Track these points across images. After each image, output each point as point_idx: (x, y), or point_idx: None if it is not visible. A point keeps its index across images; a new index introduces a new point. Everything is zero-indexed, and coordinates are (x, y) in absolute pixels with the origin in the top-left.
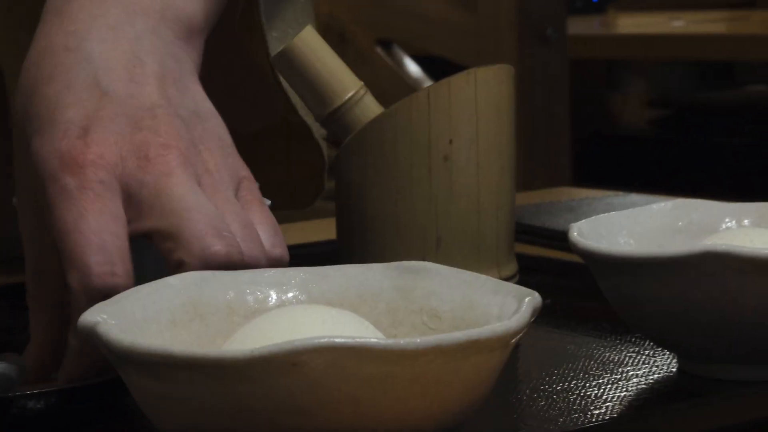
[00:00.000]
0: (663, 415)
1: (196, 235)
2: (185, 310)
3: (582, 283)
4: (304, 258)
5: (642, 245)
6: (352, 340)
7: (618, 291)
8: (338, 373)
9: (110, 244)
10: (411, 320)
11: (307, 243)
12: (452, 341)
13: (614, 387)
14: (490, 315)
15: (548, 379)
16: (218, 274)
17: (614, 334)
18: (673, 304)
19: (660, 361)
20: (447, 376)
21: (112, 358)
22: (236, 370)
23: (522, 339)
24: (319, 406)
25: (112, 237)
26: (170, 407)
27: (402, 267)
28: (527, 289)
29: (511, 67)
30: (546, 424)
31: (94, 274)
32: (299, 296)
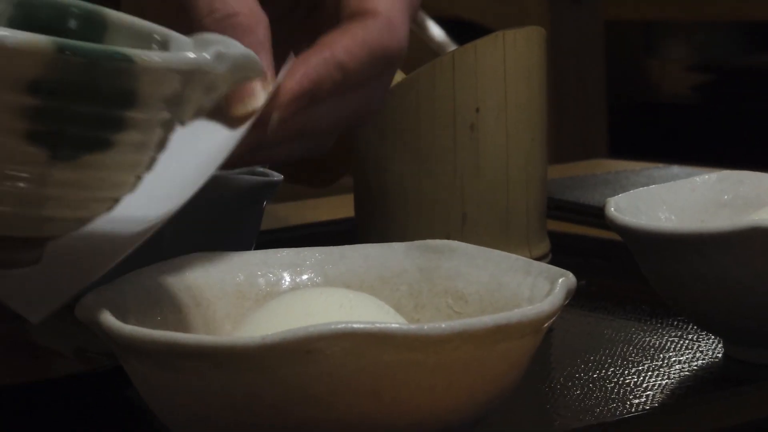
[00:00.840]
0: (708, 404)
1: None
2: (192, 294)
3: (619, 263)
4: (319, 237)
5: (684, 221)
6: (372, 325)
7: (659, 270)
8: (356, 361)
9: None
10: (435, 303)
11: (323, 221)
12: (480, 326)
13: (655, 374)
14: (521, 297)
15: (584, 366)
16: (226, 255)
17: (654, 317)
18: (718, 284)
19: (704, 346)
20: (474, 363)
21: (112, 346)
22: (247, 358)
23: (555, 323)
24: (336, 396)
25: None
26: (176, 398)
27: (425, 246)
28: (560, 269)
29: (542, 29)
30: (582, 415)
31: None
32: (315, 278)
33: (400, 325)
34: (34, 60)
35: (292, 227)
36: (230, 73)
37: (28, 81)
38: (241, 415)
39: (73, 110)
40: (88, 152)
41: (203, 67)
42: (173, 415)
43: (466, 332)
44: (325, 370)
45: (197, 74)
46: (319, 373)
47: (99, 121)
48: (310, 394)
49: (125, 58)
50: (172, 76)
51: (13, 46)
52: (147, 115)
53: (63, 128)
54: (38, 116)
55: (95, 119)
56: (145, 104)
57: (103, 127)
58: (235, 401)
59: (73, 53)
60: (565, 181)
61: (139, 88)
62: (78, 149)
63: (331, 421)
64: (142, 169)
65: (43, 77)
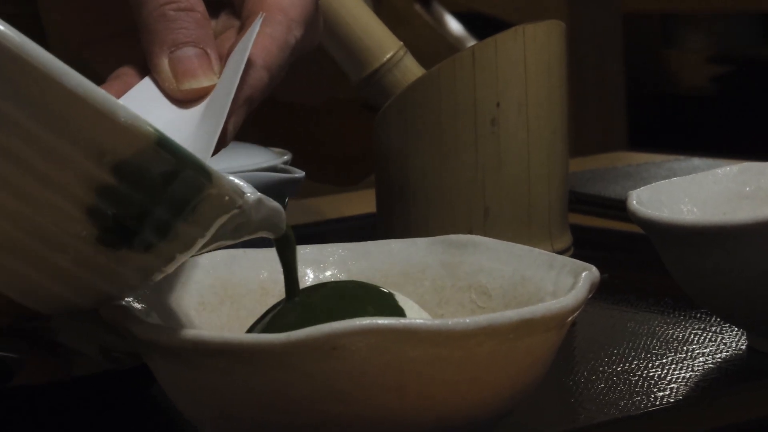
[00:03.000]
0: (732, 396)
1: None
2: (215, 291)
3: (642, 256)
4: (341, 233)
5: (706, 213)
6: (396, 321)
7: (681, 263)
8: (381, 357)
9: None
10: (458, 298)
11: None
12: (504, 321)
13: (679, 367)
14: (544, 291)
15: (607, 359)
16: (250, 252)
17: (678, 309)
18: (742, 276)
19: (728, 339)
20: (499, 358)
21: (137, 345)
22: (272, 355)
23: (578, 317)
24: (361, 392)
25: None
26: (201, 396)
27: (448, 241)
28: (584, 263)
29: (561, 23)
30: (606, 408)
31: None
32: (338, 274)
33: (424, 320)
34: (132, 142)
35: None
36: (260, 222)
37: (116, 160)
38: (266, 412)
39: (137, 203)
40: (129, 248)
41: (246, 207)
42: (199, 413)
43: (491, 327)
44: (350, 366)
45: (240, 212)
46: (344, 369)
47: (154, 223)
48: (335, 391)
49: (206, 174)
50: (231, 202)
51: (124, 122)
52: (192, 232)
53: (121, 216)
54: (106, 195)
55: (152, 219)
56: (195, 221)
57: (155, 230)
58: (261, 398)
59: (168, 151)
60: (585, 174)
61: (200, 206)
62: (123, 242)
63: (357, 417)
64: (155, 274)
65: (130, 161)
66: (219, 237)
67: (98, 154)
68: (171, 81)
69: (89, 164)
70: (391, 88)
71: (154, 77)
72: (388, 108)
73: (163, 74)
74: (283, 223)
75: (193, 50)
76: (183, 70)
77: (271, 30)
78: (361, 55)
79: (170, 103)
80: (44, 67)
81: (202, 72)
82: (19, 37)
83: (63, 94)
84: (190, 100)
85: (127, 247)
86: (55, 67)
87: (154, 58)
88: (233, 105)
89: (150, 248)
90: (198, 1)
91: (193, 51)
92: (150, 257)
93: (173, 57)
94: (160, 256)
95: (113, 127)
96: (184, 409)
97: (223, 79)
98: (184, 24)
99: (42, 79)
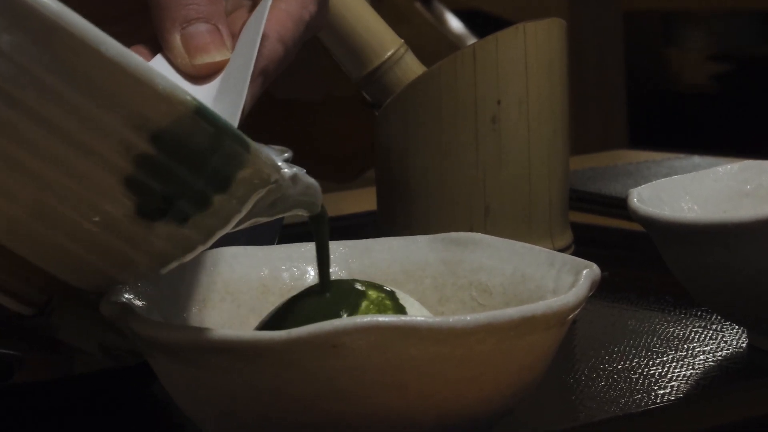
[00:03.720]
0: (732, 394)
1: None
2: (216, 288)
3: (643, 254)
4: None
5: (707, 211)
6: (397, 318)
7: (682, 261)
8: (382, 355)
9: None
10: (459, 296)
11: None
12: (505, 318)
13: (679, 365)
14: (545, 289)
15: (608, 357)
16: (250, 250)
17: (678, 307)
18: (742, 274)
19: (728, 337)
20: (500, 356)
21: (138, 342)
22: (272, 353)
23: (579, 314)
24: (362, 390)
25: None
26: (201, 394)
27: (448, 239)
28: (585, 261)
29: (562, 20)
30: (607, 406)
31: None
32: (339, 272)
33: (425, 318)
34: (170, 111)
35: None
36: (296, 199)
37: (154, 128)
38: (266, 409)
39: (175, 173)
40: (164, 220)
41: (282, 182)
42: (199, 411)
43: (492, 325)
44: (351, 364)
45: (276, 187)
46: (345, 367)
47: (191, 194)
48: (336, 389)
49: (245, 144)
50: (267, 176)
51: (162, 90)
52: (229, 205)
53: (157, 187)
54: (144, 165)
55: (189, 190)
56: (232, 194)
57: (191, 201)
58: (261, 396)
59: (207, 120)
60: (586, 172)
61: (237, 177)
62: (159, 214)
63: (358, 415)
64: (194, 249)
65: (168, 130)
66: (255, 213)
67: (136, 123)
68: (183, 56)
69: (127, 133)
70: (392, 86)
71: (166, 54)
72: (389, 106)
73: (176, 50)
74: (319, 200)
75: (205, 26)
76: (195, 45)
77: (286, 5)
78: (362, 52)
79: (183, 79)
80: (83, 35)
81: (214, 47)
82: (57, 5)
83: (102, 63)
84: (203, 75)
85: (163, 219)
86: (93, 35)
87: (166, 35)
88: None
89: (186, 221)
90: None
91: (204, 26)
92: (187, 231)
93: (185, 33)
94: (197, 229)
95: (152, 95)
96: (184, 407)
97: (238, 54)
98: (195, 0)
99: (80, 47)
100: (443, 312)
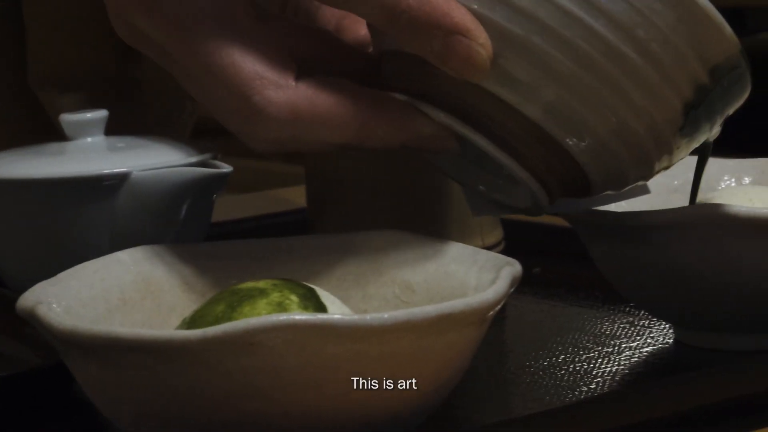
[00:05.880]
0: (657, 389)
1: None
2: (137, 287)
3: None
4: (270, 228)
5: (634, 206)
6: (314, 316)
7: (609, 257)
8: (299, 352)
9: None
10: (383, 293)
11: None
12: (423, 316)
13: (606, 361)
14: (467, 286)
15: (535, 354)
16: (173, 247)
17: (607, 303)
18: (667, 270)
19: (655, 332)
20: (419, 353)
21: (54, 342)
22: (188, 352)
23: (509, 311)
24: (280, 389)
25: None
26: (119, 393)
27: (373, 236)
28: (506, 258)
29: None
30: (531, 404)
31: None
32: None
33: (342, 315)
34: (727, 49)
35: (243, 219)
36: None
37: (713, 63)
38: (184, 409)
39: (715, 101)
40: (681, 132)
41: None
42: (117, 410)
43: (410, 322)
44: (268, 362)
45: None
46: (262, 365)
47: (711, 119)
48: (254, 387)
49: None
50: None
51: (728, 32)
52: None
53: (701, 114)
54: (699, 93)
55: (712, 115)
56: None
57: (706, 125)
58: (178, 395)
59: (744, 58)
60: None
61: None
62: (689, 133)
63: (276, 415)
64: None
65: (721, 65)
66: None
67: (704, 59)
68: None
69: (697, 66)
70: None
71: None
72: None
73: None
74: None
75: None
76: None
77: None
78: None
79: None
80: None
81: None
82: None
83: (696, 11)
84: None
85: (681, 132)
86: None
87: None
88: None
89: (690, 137)
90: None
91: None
92: (684, 146)
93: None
94: (685, 148)
95: (718, 37)
96: (102, 407)
97: None
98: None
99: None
100: (366, 309)
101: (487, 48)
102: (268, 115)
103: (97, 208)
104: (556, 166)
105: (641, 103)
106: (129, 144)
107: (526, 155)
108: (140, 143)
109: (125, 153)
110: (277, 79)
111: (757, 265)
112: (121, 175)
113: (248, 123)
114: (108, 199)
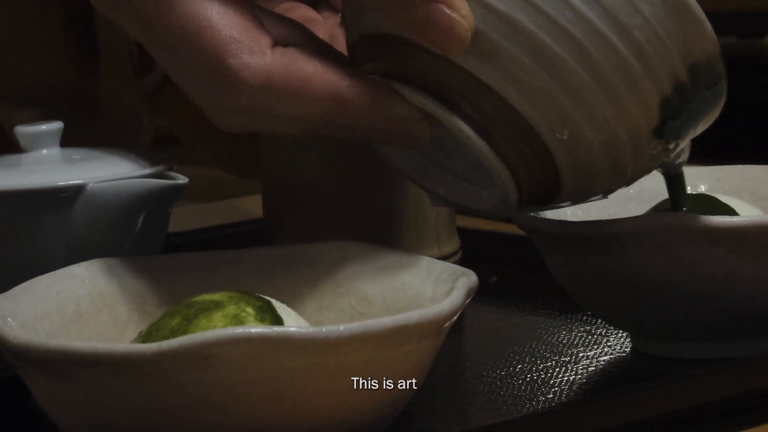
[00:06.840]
0: (615, 398)
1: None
2: (92, 300)
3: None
4: (227, 239)
5: (590, 215)
6: (270, 329)
7: (565, 267)
8: (255, 366)
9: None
10: (339, 305)
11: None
12: (379, 328)
13: (563, 370)
14: (423, 297)
15: (491, 363)
16: (128, 260)
17: (565, 312)
18: (624, 279)
19: (612, 341)
20: (375, 365)
21: (9, 357)
22: (144, 365)
23: (466, 321)
24: (236, 402)
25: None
26: (74, 408)
27: (329, 247)
28: (462, 269)
29: None
30: (489, 414)
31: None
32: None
33: (298, 328)
34: (707, 48)
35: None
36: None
37: (693, 61)
38: (140, 423)
39: (691, 101)
40: (659, 140)
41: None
42: (73, 424)
43: (366, 334)
44: (224, 375)
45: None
46: (218, 378)
47: (688, 123)
48: (210, 401)
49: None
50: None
51: (709, 31)
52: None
53: (677, 110)
54: (678, 90)
55: (688, 120)
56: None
57: (683, 130)
58: (134, 409)
59: (723, 63)
60: None
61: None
62: (662, 133)
63: (232, 427)
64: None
65: (700, 64)
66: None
67: (685, 54)
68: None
69: (677, 61)
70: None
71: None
72: None
73: None
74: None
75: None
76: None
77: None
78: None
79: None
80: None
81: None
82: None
83: (681, 5)
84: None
85: (659, 139)
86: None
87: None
88: None
89: (668, 145)
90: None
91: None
92: (660, 155)
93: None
94: (658, 159)
95: (701, 34)
96: (58, 421)
97: None
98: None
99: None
100: (322, 321)
101: (469, 20)
102: (241, 79)
103: (52, 220)
104: (529, 157)
105: (619, 90)
106: (84, 156)
107: (501, 143)
108: (96, 155)
109: (81, 165)
110: (253, 44)
111: (713, 273)
112: (77, 187)
113: (219, 88)
114: (64, 211)
